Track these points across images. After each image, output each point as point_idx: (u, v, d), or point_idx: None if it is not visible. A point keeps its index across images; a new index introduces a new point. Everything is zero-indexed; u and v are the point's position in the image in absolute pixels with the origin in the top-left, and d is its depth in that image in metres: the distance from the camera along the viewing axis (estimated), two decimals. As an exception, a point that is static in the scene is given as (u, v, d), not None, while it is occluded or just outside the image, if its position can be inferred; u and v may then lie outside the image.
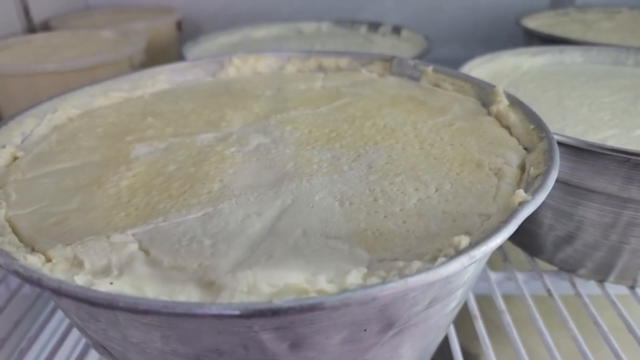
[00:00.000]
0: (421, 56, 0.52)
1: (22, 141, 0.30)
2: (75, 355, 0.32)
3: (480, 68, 0.48)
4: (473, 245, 0.17)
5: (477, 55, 0.49)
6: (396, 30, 0.62)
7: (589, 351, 0.34)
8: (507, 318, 0.36)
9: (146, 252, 0.19)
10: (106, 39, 0.59)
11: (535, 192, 0.20)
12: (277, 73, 0.42)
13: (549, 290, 0.38)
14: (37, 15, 0.68)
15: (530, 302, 0.37)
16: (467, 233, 0.19)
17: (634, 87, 0.45)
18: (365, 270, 0.17)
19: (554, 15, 0.72)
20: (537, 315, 0.36)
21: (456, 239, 0.18)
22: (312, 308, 0.15)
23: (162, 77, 0.40)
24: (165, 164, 0.26)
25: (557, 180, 0.35)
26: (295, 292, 0.16)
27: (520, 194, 0.20)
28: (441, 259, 0.17)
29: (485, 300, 0.40)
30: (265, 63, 0.42)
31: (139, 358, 0.20)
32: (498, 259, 0.41)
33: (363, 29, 0.65)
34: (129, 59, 0.51)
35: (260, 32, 0.65)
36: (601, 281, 0.38)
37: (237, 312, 0.15)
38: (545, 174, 0.22)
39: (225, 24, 0.78)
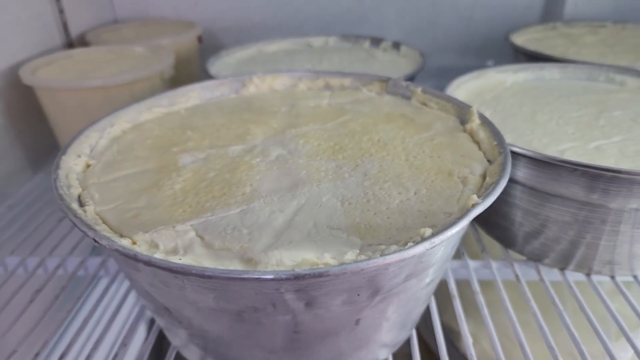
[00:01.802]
0: (417, 72, 0.59)
1: (91, 151, 0.37)
2: (128, 324, 0.40)
3: (468, 84, 0.55)
4: (434, 234, 0.24)
5: (471, 64, 0.56)
6: (396, 45, 0.69)
7: (547, 328, 0.41)
8: (481, 298, 0.43)
9: (201, 238, 0.27)
10: (138, 54, 0.66)
11: (485, 197, 0.27)
12: (291, 90, 0.49)
13: (517, 276, 0.45)
14: (74, 30, 0.76)
15: (501, 286, 0.44)
16: (433, 226, 0.26)
17: (600, 102, 0.51)
18: (357, 251, 0.25)
19: (543, 30, 0.78)
20: (505, 297, 0.43)
21: (422, 230, 0.25)
22: (320, 274, 0.22)
23: (193, 94, 0.47)
24: (206, 171, 0.34)
25: (524, 185, 0.42)
26: (309, 264, 0.24)
27: (474, 198, 0.27)
28: (410, 244, 0.24)
29: (464, 284, 0.47)
30: (280, 82, 0.49)
31: (194, 315, 0.28)
32: (477, 250, 0.48)
33: (366, 44, 0.72)
34: (160, 74, 0.59)
35: (273, 47, 0.72)
36: (562, 269, 0.45)
37: (271, 277, 0.22)
38: (496, 182, 0.29)
39: (240, 35, 0.86)
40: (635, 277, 0.44)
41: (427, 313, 0.42)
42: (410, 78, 0.57)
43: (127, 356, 0.36)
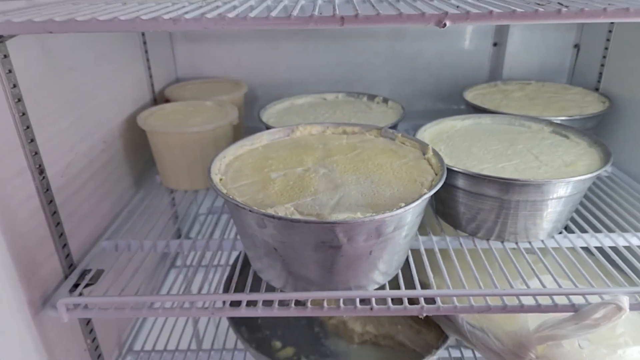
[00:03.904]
0: (399, 120, 0.90)
1: (218, 171, 0.67)
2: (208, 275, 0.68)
3: (432, 128, 0.86)
4: (405, 205, 0.54)
5: (441, 108, 0.87)
6: (385, 100, 1.01)
7: (479, 277, 0.70)
8: (439, 258, 0.72)
9: (297, 210, 0.56)
10: (209, 106, 0.97)
11: (430, 190, 0.57)
12: (322, 134, 0.79)
13: (461, 245, 0.74)
14: (156, 88, 1.06)
15: (452, 253, 0.73)
16: (405, 204, 0.56)
17: (512, 139, 0.82)
18: (371, 214, 0.54)
19: (487, 87, 1.11)
20: (455, 259, 0.72)
21: (400, 204, 0.55)
22: (356, 222, 0.52)
23: (264, 137, 0.77)
24: (288, 181, 0.63)
25: (463, 190, 0.73)
26: (351, 218, 0.53)
27: (425, 191, 0.57)
28: (394, 209, 0.54)
29: (430, 252, 0.77)
30: (315, 129, 0.80)
31: (289, 250, 0.57)
32: (437, 229, 0.78)
33: (364, 99, 1.04)
34: (231, 123, 0.89)
35: (301, 100, 1.03)
36: (487, 240, 0.75)
37: (334, 221, 0.52)
38: (435, 184, 0.59)
39: (271, 89, 1.17)
40: (530, 242, 0.74)
41: (409, 274, 0.70)
42: (396, 124, 0.88)
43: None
